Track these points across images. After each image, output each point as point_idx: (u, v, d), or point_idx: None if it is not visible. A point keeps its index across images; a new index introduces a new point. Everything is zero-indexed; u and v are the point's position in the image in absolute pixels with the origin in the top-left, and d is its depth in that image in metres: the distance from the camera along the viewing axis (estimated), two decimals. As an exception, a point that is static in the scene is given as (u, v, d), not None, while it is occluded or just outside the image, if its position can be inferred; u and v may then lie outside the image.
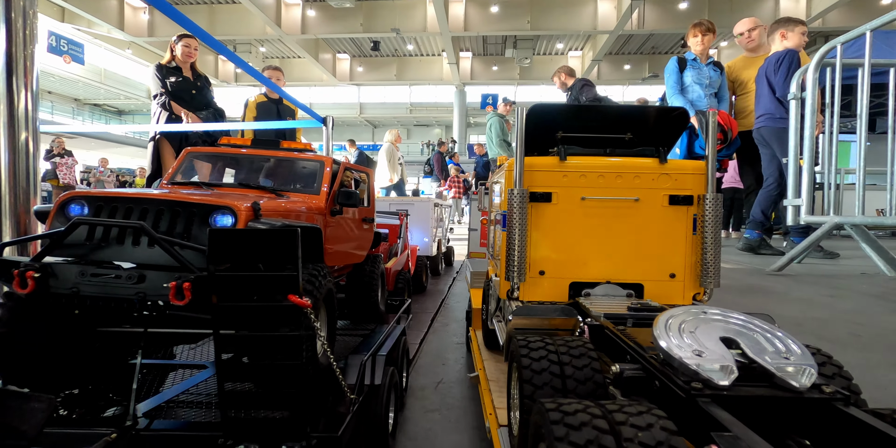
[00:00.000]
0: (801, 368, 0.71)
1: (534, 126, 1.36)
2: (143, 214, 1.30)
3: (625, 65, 21.41)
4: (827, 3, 13.20)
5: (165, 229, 1.28)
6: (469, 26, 16.62)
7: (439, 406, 1.80)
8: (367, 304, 2.15)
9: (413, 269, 3.60)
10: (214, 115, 3.92)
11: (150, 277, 1.18)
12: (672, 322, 0.84)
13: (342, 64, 23.67)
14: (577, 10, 15.92)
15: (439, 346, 2.52)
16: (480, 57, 22.16)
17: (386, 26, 17.14)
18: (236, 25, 17.77)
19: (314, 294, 1.27)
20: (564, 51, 21.14)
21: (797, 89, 2.99)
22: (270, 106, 4.48)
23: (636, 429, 0.58)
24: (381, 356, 1.52)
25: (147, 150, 3.89)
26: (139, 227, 1.17)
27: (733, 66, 4.32)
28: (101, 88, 23.39)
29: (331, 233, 1.83)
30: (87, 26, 18.08)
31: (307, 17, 17.56)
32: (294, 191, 1.86)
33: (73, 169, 10.45)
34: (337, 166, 1.98)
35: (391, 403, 1.49)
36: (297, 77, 23.60)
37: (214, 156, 2.11)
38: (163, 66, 3.84)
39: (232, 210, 1.29)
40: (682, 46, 17.39)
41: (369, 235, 2.32)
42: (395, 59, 23.31)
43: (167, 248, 1.15)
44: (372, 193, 2.40)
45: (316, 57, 21.17)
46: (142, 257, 1.24)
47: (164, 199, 1.31)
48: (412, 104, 26.66)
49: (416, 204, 4.28)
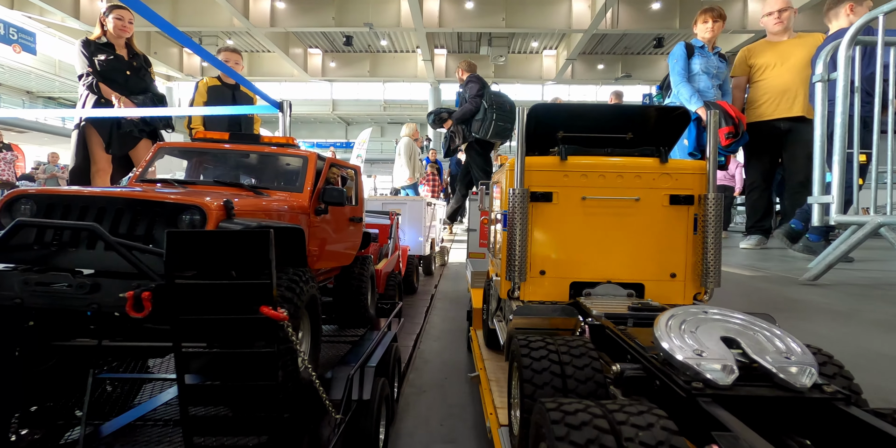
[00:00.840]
0: (802, 368, 0.71)
1: (534, 126, 1.36)
2: (99, 215, 1.18)
3: (598, 64, 21.79)
4: (797, 4, 13.71)
5: (126, 232, 1.17)
6: (444, 22, 16.54)
7: (439, 406, 1.78)
8: (356, 309, 2.08)
9: (404, 270, 3.54)
10: (154, 102, 3.44)
11: (105, 286, 1.06)
12: (673, 322, 0.85)
13: (314, 59, 23.16)
14: (552, 9, 16.08)
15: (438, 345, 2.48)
16: (455, 54, 22.12)
17: (359, 21, 16.85)
18: (201, 16, 17.08)
19: (294, 302, 1.18)
20: (539, 49, 21.35)
21: (824, 70, 2.58)
22: (224, 91, 4.03)
23: (637, 428, 0.58)
24: (370, 367, 1.43)
25: (71, 139, 3.38)
26: (90, 228, 1.05)
27: (753, 50, 3.99)
28: (56, 80, 22.09)
29: (315, 233, 1.75)
30: (39, 14, 17.03)
31: (276, 9, 17.05)
32: (275, 189, 1.76)
33: (12, 165, 9.63)
34: (322, 162, 1.90)
35: (382, 418, 1.42)
36: (266, 72, 22.96)
37: (189, 151, 1.99)
38: (91, 42, 3.34)
39: (200, 209, 1.17)
40: (654, 46, 17.80)
41: (357, 236, 2.25)
42: (369, 55, 22.98)
43: (123, 253, 1.04)
44: (360, 192, 2.33)
45: (286, 51, 20.63)
46: (99, 263, 1.12)
47: (124, 197, 1.19)
48: (386, 101, 26.35)
49: (409, 203, 4.21)
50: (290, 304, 1.16)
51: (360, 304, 2.08)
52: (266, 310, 0.92)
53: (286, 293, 1.17)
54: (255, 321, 0.92)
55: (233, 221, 1.20)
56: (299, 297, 1.21)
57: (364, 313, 2.10)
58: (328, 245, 1.90)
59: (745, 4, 15.00)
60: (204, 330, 0.94)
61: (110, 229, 1.15)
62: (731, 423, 0.62)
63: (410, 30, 17.11)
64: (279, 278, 1.18)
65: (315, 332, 1.41)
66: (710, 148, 1.31)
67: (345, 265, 2.14)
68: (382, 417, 1.42)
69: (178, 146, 1.98)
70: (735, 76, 4.03)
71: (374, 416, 1.31)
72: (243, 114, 4.05)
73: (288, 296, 1.17)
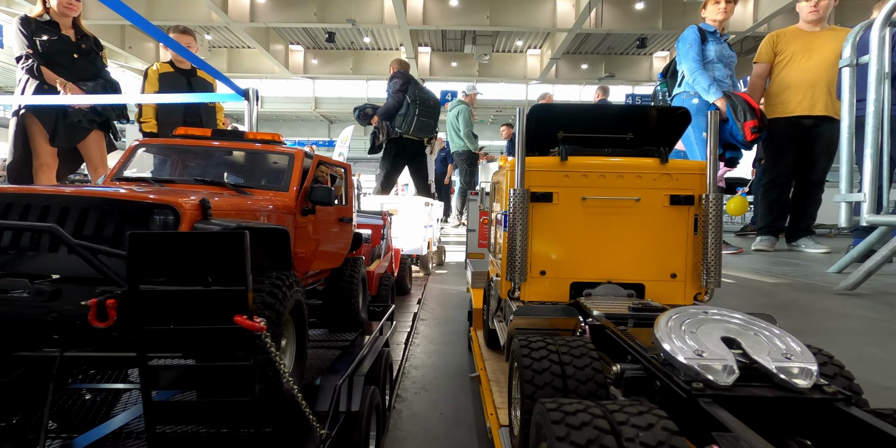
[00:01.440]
0: (803, 368, 0.72)
1: (535, 126, 1.35)
2: (62, 215, 1.09)
3: (582, 64, 22.00)
4: (772, 9, 13.97)
5: (92, 234, 1.08)
6: (428, 20, 16.47)
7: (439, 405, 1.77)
8: (347, 312, 2.02)
9: (397, 271, 3.48)
10: (105, 90, 3.07)
11: (67, 293, 0.98)
12: (673, 322, 0.84)
13: (295, 56, 22.82)
14: (537, 8, 16.16)
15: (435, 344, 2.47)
16: (439, 52, 22.06)
17: (341, 17, 16.64)
18: (178, 10, 16.63)
19: (277, 308, 1.11)
20: (524, 48, 21.45)
21: (853, 53, 2.32)
22: (178, 78, 3.55)
23: (637, 429, 0.58)
24: (359, 377, 1.36)
25: (8, 129, 2.98)
26: (50, 230, 0.97)
27: (782, 36, 3.65)
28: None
29: (302, 235, 1.70)
30: (7, 5, 16.35)
31: (256, 3, 16.73)
32: (260, 188, 1.69)
33: None
34: (309, 160, 1.85)
35: (372, 429, 1.37)
36: (247, 68, 22.55)
37: (167, 148, 1.90)
38: (31, 20, 2.92)
39: (173, 209, 1.08)
40: (637, 47, 18.03)
41: (348, 237, 2.19)
42: (352, 53, 22.76)
43: (86, 257, 0.97)
44: (350, 191, 2.27)
45: (267, 47, 20.27)
46: (63, 268, 1.04)
47: (90, 196, 1.10)
48: (370, 99, 26.17)
49: (407, 203, 4.21)
50: (271, 310, 1.09)
51: (351, 307, 2.03)
52: (240, 319, 0.84)
53: (268, 299, 1.10)
54: (228, 332, 0.85)
55: (210, 222, 1.12)
56: (282, 303, 1.14)
57: (355, 317, 2.05)
58: (316, 246, 1.85)
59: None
60: (172, 341, 0.87)
61: (75, 231, 1.07)
62: (732, 424, 0.62)
63: (394, 27, 16.99)
64: (260, 283, 1.12)
65: (301, 340, 1.34)
66: (710, 147, 1.31)
67: (335, 267, 2.09)
68: (373, 428, 1.38)
69: (157, 143, 1.90)
70: (758, 62, 3.73)
71: (363, 429, 1.26)
72: (202, 103, 3.57)
73: (270, 302, 1.10)
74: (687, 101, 3.54)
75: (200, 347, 0.89)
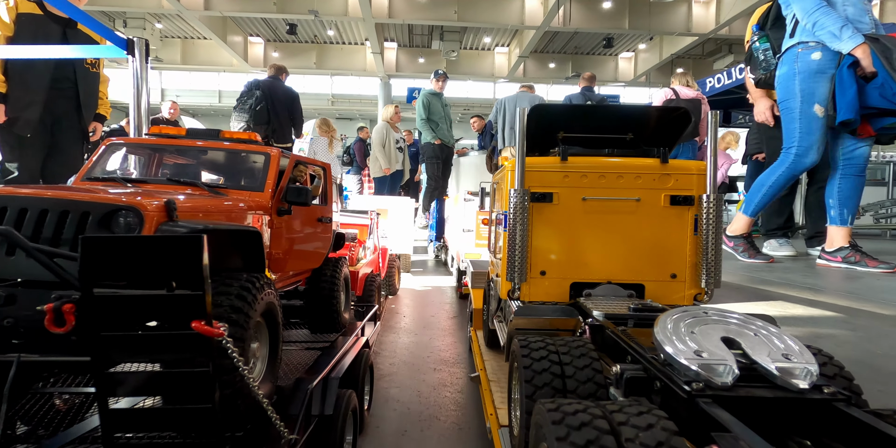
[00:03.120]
0: (802, 369, 0.72)
1: (535, 126, 1.34)
2: (20, 217, 1.05)
3: (549, 63, 22.31)
4: (735, 12, 14.55)
5: (51, 236, 1.04)
6: (393, 13, 16.21)
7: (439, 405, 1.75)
8: (328, 313, 1.98)
9: (385, 271, 3.43)
10: None
11: (22, 298, 0.95)
12: (673, 323, 0.85)
13: (255, 48, 21.94)
14: (505, 4, 16.23)
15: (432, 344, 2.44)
16: (406, 48, 21.81)
17: (303, 7, 16.08)
18: (126, -5, 15.66)
19: (245, 311, 1.08)
20: (492, 46, 21.50)
21: None
22: (47, 24, 2.55)
23: (637, 429, 0.58)
24: (334, 379, 1.35)
25: None
26: (3, 233, 0.93)
27: None
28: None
29: (278, 235, 1.66)
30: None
31: (211, -10, 15.96)
32: (235, 188, 1.65)
33: None
34: (286, 160, 1.81)
35: (347, 432, 1.35)
36: (202, 61, 21.49)
37: (140, 147, 1.83)
38: None
39: (136, 210, 1.05)
40: (604, 47, 18.43)
41: (327, 237, 2.14)
42: (315, 46, 22.12)
43: (42, 260, 0.93)
44: (330, 190, 2.22)
45: (224, 39, 19.37)
46: (20, 272, 1.00)
47: (47, 197, 1.06)
48: (334, 95, 25.50)
49: (397, 202, 4.22)
50: (239, 314, 1.07)
51: (332, 308, 1.99)
52: (198, 325, 0.82)
53: (236, 302, 1.08)
54: (186, 338, 0.83)
55: (176, 224, 1.09)
56: (251, 306, 1.12)
57: (336, 318, 2.01)
58: (292, 247, 1.80)
59: (689, 8, 15.87)
60: (128, 348, 0.84)
61: (34, 233, 1.03)
62: (731, 424, 0.63)
63: (359, 19, 16.61)
64: (229, 286, 1.10)
65: (274, 343, 1.32)
66: (709, 148, 1.32)
67: (315, 267, 2.04)
68: (348, 431, 1.37)
69: (129, 142, 1.80)
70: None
71: (337, 431, 1.25)
72: (78, 62, 2.69)
73: (238, 305, 1.08)
74: (804, 56, 2.46)
75: (158, 354, 0.87)
